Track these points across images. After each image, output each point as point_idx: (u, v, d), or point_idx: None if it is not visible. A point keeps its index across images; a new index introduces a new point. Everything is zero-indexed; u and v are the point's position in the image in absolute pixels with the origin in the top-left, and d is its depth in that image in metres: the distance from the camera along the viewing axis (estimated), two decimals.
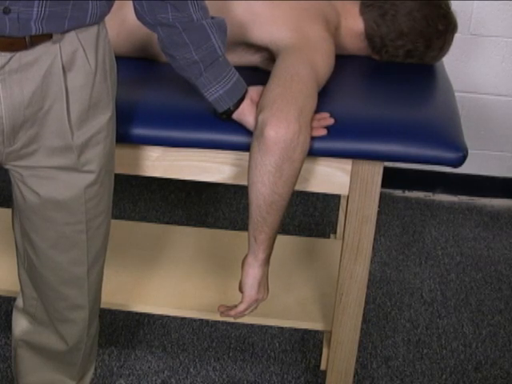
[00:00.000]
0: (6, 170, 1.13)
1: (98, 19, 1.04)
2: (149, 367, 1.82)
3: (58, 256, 1.19)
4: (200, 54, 1.19)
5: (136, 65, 1.46)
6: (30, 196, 1.13)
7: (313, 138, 1.25)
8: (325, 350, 1.76)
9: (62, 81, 1.03)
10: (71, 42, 1.02)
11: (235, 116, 1.26)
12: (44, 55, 1.00)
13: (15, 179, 1.13)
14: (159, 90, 1.36)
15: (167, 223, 2.36)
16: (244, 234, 1.75)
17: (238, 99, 1.25)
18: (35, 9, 0.94)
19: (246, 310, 1.38)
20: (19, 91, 0.99)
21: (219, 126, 1.28)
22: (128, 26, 1.42)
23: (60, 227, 1.16)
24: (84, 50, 1.04)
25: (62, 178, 1.11)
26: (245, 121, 1.26)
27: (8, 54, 0.96)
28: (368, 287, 2.02)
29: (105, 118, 1.12)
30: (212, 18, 1.20)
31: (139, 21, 1.19)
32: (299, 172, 1.25)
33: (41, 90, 1.02)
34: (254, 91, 1.28)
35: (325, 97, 1.31)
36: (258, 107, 1.24)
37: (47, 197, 1.12)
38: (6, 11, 0.93)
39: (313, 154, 1.27)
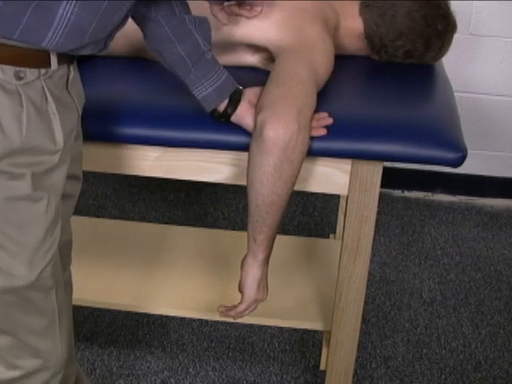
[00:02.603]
0: None
1: None
2: (148, 367, 1.82)
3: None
4: (185, 50, 1.20)
5: (135, 65, 1.46)
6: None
7: (312, 138, 1.25)
8: (324, 350, 1.75)
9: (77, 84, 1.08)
10: None
11: (233, 119, 1.26)
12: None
13: None
14: (158, 91, 1.36)
15: (167, 223, 2.36)
16: (243, 234, 1.74)
17: (229, 97, 1.25)
18: None
19: (245, 310, 1.38)
20: (75, 92, 1.03)
21: (218, 126, 1.28)
22: (127, 27, 1.42)
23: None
24: None
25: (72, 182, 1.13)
26: (244, 123, 1.26)
27: (65, 66, 0.99)
28: (367, 287, 2.02)
29: None
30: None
31: None
32: (298, 172, 1.25)
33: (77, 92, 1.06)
34: (251, 93, 1.27)
35: (325, 97, 1.31)
36: (257, 108, 1.24)
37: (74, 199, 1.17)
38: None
39: (312, 154, 1.27)
